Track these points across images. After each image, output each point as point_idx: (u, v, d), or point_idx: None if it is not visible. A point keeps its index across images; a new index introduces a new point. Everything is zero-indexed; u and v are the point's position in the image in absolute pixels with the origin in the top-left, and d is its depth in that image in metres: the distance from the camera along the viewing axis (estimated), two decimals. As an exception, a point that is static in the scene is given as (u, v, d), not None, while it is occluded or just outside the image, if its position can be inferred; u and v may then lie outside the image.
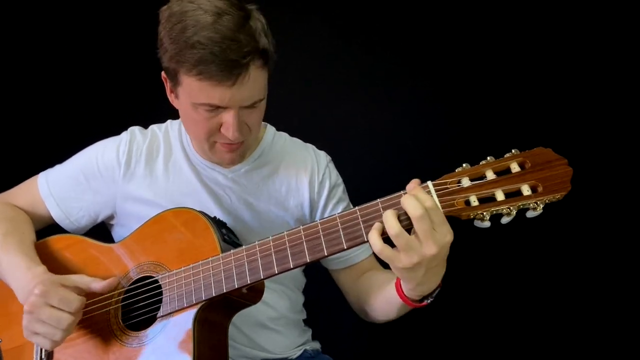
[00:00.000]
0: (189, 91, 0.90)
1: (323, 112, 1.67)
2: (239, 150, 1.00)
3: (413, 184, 0.78)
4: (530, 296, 1.57)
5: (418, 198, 0.74)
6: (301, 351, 1.13)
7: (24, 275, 0.93)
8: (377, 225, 0.77)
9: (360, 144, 1.66)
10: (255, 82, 0.90)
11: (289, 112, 1.41)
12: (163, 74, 0.97)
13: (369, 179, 1.54)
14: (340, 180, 1.16)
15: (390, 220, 0.74)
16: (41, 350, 0.95)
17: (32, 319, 0.86)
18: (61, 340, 0.87)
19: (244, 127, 0.94)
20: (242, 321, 1.01)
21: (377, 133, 1.66)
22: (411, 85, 1.66)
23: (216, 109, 0.91)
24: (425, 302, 0.84)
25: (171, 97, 1.01)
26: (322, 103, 1.67)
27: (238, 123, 0.92)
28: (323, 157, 1.15)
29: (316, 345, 1.18)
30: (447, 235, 0.74)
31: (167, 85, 0.99)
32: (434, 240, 0.73)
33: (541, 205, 0.77)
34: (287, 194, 1.10)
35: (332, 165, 1.15)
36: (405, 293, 0.84)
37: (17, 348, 0.99)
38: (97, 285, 0.91)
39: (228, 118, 0.91)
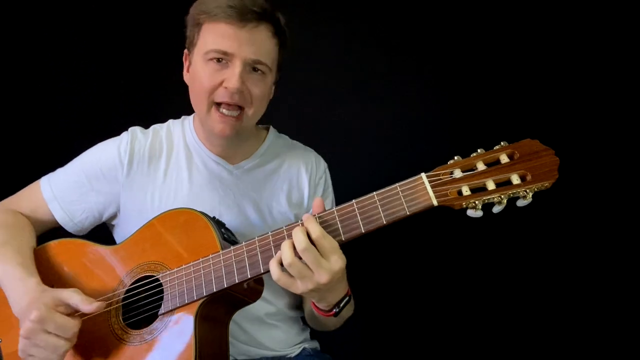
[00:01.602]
0: (204, 42, 0.98)
1: (316, 112, 1.69)
2: (233, 124, 1.01)
3: (306, 216, 0.84)
4: (527, 294, 1.58)
5: (305, 231, 0.81)
6: (300, 349, 1.14)
7: (17, 287, 0.93)
8: (277, 254, 0.83)
9: (355, 140, 1.68)
10: (264, 41, 0.99)
11: (288, 115, 1.43)
12: (185, 51, 1.06)
13: (365, 172, 1.57)
14: (331, 189, 1.21)
15: (285, 251, 0.81)
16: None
17: (29, 343, 0.86)
18: None
19: (244, 87, 0.98)
20: (241, 317, 1.02)
21: (370, 128, 1.69)
22: (403, 81, 1.70)
23: (224, 61, 0.97)
24: (333, 312, 0.91)
25: (186, 77, 1.07)
26: (315, 104, 1.70)
27: (240, 73, 0.96)
28: (322, 162, 1.21)
29: (315, 344, 1.19)
30: (337, 262, 0.82)
31: (186, 63, 1.07)
32: (323, 270, 0.81)
33: (531, 194, 0.80)
34: (288, 191, 1.13)
35: (328, 173, 1.21)
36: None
37: (16, 352, 0.99)
38: (86, 307, 0.89)
39: (232, 70, 0.97)
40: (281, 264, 0.82)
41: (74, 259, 1.04)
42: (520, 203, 0.81)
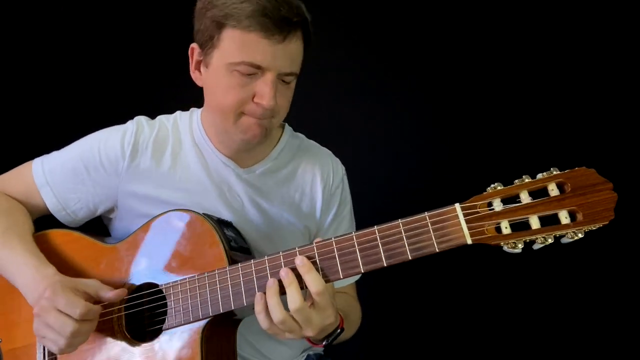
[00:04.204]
0: (230, 50, 0.85)
1: (323, 115, 1.57)
2: (266, 126, 0.92)
3: (301, 262, 0.76)
4: (529, 299, 1.54)
5: (297, 287, 0.75)
6: (304, 357, 1.11)
7: (33, 276, 0.88)
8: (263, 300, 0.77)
9: (380, 151, 1.57)
10: (297, 50, 0.88)
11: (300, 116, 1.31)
12: (192, 45, 0.93)
13: (370, 175, 1.46)
14: (349, 197, 1.11)
15: (274, 308, 0.76)
16: (44, 356, 0.93)
17: (40, 322, 0.83)
18: (66, 346, 0.83)
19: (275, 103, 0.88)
20: (246, 329, 0.98)
21: (398, 140, 1.57)
22: (439, 91, 1.54)
23: (253, 73, 0.86)
24: (323, 344, 0.86)
25: (195, 74, 0.95)
26: (323, 106, 1.57)
27: (274, 89, 0.86)
28: (340, 168, 1.10)
29: (318, 349, 1.16)
30: (329, 318, 0.77)
31: (193, 60, 0.94)
32: (312, 326, 0.76)
33: (579, 235, 0.70)
34: (300, 200, 1.04)
35: (346, 180, 1.11)
36: None
37: (19, 349, 0.97)
38: (106, 294, 0.86)
39: (264, 85, 0.86)
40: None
41: (76, 252, 0.98)
42: (565, 241, 0.72)
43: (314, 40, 0.91)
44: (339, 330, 0.84)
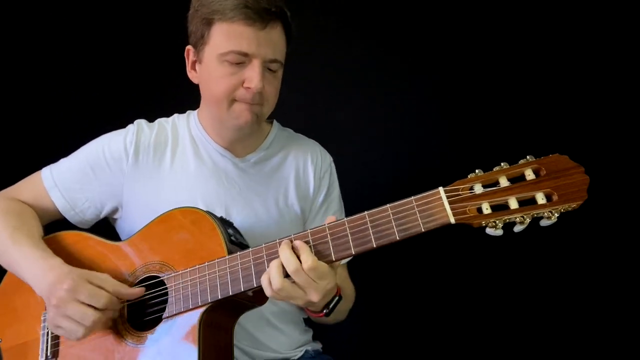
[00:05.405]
0: (218, 43, 0.95)
1: (319, 113, 1.63)
2: (256, 111, 1.00)
3: (299, 243, 0.82)
4: (529, 298, 1.54)
5: (290, 248, 0.81)
6: (303, 352, 1.13)
7: (39, 265, 0.92)
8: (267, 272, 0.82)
9: (370, 148, 1.62)
10: (279, 40, 0.98)
11: (292, 114, 1.39)
12: (187, 48, 1.03)
13: (380, 182, 1.52)
14: (336, 184, 1.19)
15: (273, 275, 0.80)
16: (46, 348, 0.95)
17: (59, 313, 0.87)
18: (83, 335, 0.87)
19: (263, 87, 0.96)
20: (245, 318, 1.00)
21: (387, 136, 1.63)
22: (424, 88, 1.61)
23: (241, 62, 0.95)
24: (323, 313, 0.89)
25: (191, 74, 1.04)
26: (317, 104, 1.64)
27: (261, 74, 0.95)
28: (328, 155, 1.19)
29: (317, 345, 1.18)
30: (330, 283, 0.81)
31: (189, 60, 1.04)
32: (315, 290, 0.80)
33: (556, 215, 0.75)
34: (295, 184, 1.12)
35: (333, 167, 1.19)
36: None
37: (20, 345, 0.99)
38: (125, 291, 0.91)
39: (251, 71, 0.95)
40: None
41: (84, 250, 1.03)
42: (544, 223, 0.76)
43: (295, 34, 1.02)
44: (337, 298, 0.88)
